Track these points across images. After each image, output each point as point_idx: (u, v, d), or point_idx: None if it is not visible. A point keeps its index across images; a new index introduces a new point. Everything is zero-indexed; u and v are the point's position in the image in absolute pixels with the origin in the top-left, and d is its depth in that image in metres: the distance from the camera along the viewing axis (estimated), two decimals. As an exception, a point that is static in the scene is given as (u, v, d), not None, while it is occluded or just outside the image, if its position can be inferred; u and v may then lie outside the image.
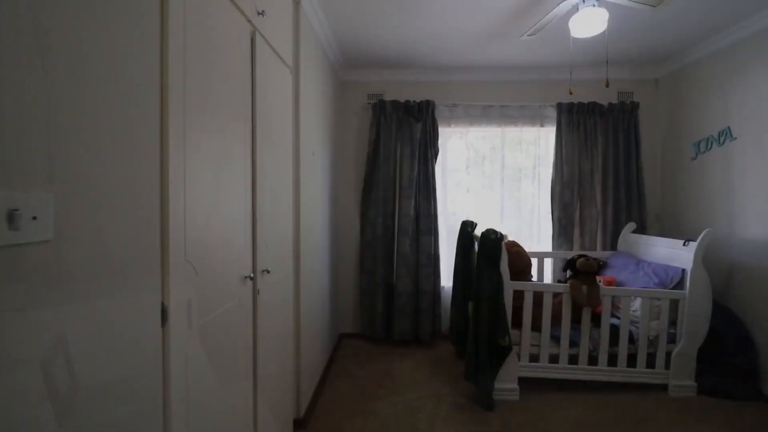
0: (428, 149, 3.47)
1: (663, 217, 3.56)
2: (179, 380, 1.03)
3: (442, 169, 3.65)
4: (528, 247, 3.26)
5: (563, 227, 3.46)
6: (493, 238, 2.40)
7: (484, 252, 2.42)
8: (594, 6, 2.03)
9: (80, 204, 0.73)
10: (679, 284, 2.59)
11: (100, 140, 0.78)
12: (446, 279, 3.58)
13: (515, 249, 2.81)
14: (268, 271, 1.65)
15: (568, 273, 2.78)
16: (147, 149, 0.92)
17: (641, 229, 3.40)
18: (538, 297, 2.56)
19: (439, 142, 3.54)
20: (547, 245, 3.57)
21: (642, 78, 3.58)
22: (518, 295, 2.55)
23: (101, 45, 0.78)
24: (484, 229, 2.46)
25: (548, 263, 3.45)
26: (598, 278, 2.67)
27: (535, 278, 3.22)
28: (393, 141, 3.50)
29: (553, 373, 2.57)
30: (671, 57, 3.30)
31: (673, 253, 2.74)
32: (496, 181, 3.67)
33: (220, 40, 1.26)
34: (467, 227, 3.04)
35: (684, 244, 2.60)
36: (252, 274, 1.50)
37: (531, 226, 3.68)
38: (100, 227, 0.78)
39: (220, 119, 1.27)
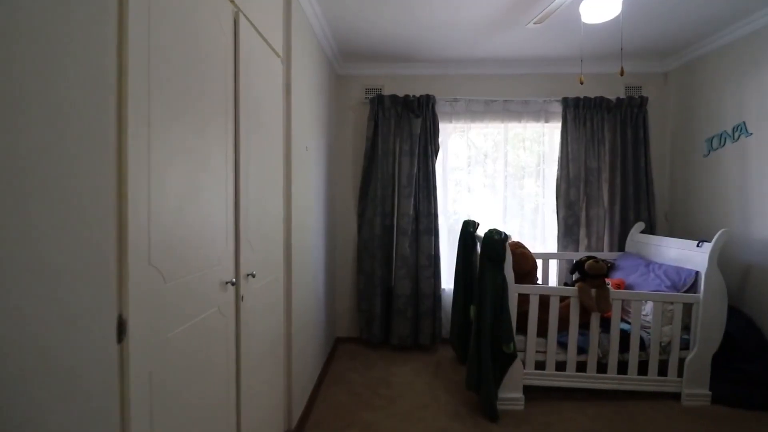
0: (428, 146, 3.33)
1: (673, 217, 3.42)
2: (141, 402, 0.91)
3: (442, 167, 3.51)
4: (532, 247, 3.14)
5: (569, 227, 3.33)
6: (496, 238, 2.27)
7: (487, 253, 2.29)
8: (606, -11, 1.89)
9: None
10: (692, 287, 2.46)
11: (25, 123, 0.65)
12: (447, 281, 3.45)
13: (520, 250, 2.67)
14: (254, 275, 1.52)
15: (576, 275, 2.65)
16: (97, 138, 0.79)
17: (650, 230, 3.28)
18: (544, 301, 2.44)
19: (440, 139, 3.40)
20: (551, 246, 3.44)
21: (651, 72, 3.44)
22: (523, 299, 2.43)
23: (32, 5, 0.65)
24: (486, 229, 2.33)
25: (553, 264, 3.32)
26: (606, 281, 2.55)
27: (539, 281, 3.09)
28: (392, 137, 3.37)
29: (560, 381, 2.44)
30: (682, 49, 3.16)
31: (684, 254, 2.61)
32: (499, 180, 3.54)
33: (194, 16, 1.13)
34: (469, 227, 2.91)
35: (698, 245, 2.48)
36: (234, 279, 1.37)
37: (535, 226, 3.55)
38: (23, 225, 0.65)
39: (196, 109, 1.13)
